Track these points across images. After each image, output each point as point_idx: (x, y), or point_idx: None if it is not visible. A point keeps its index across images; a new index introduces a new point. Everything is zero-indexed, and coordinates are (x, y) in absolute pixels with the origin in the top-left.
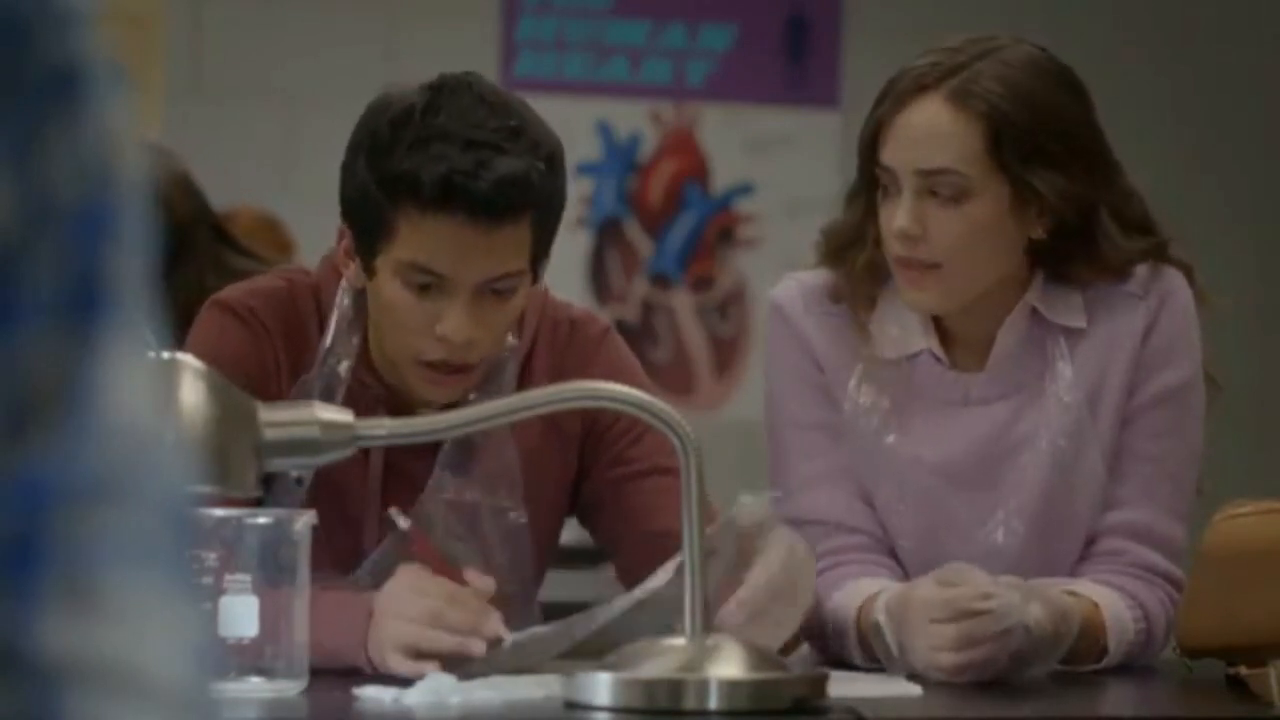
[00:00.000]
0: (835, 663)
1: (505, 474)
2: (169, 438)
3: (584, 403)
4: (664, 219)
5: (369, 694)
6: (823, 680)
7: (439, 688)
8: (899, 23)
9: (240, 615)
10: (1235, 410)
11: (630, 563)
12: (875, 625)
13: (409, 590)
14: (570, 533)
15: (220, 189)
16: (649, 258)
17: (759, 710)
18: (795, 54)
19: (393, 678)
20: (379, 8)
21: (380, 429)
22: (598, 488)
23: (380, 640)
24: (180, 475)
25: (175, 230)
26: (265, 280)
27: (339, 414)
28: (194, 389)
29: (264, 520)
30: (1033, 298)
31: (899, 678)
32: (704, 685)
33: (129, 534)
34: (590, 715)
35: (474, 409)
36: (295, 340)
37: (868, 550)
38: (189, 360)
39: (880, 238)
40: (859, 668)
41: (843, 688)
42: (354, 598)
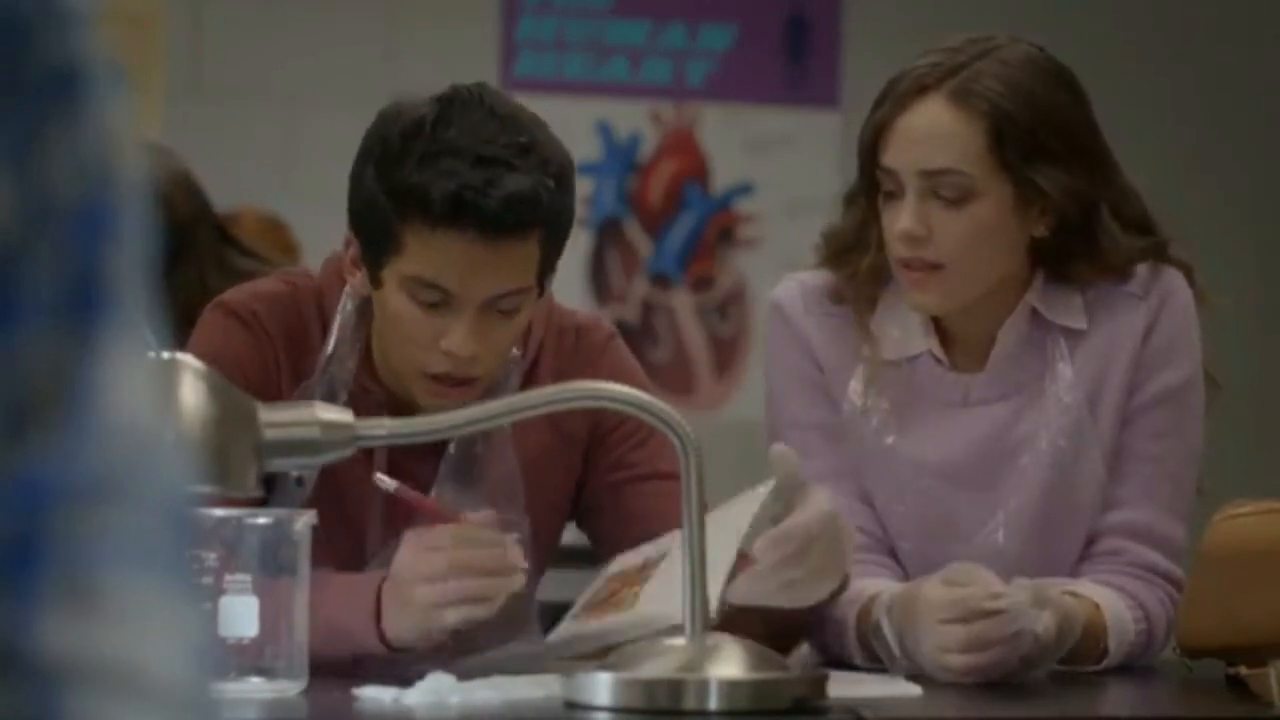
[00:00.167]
0: (835, 663)
1: (506, 484)
2: (169, 438)
3: (584, 402)
4: (664, 219)
5: (369, 694)
6: (823, 680)
7: (439, 688)
8: (899, 23)
9: (240, 615)
10: (1235, 410)
11: None
12: (876, 625)
13: (421, 552)
14: (570, 533)
15: (220, 189)
16: (649, 258)
17: (759, 710)
18: (795, 54)
19: (393, 677)
20: (379, 8)
21: (380, 429)
22: (597, 491)
23: (411, 611)
24: (180, 475)
25: (176, 230)
26: (268, 283)
27: (339, 414)
28: (194, 389)
29: (264, 520)
30: (1033, 298)
31: (899, 678)
32: (704, 685)
33: (129, 534)
34: (590, 715)
35: (475, 409)
36: (297, 344)
37: (868, 550)
38: (189, 360)
39: (883, 240)
40: (859, 668)
41: (843, 688)
42: (363, 576)
